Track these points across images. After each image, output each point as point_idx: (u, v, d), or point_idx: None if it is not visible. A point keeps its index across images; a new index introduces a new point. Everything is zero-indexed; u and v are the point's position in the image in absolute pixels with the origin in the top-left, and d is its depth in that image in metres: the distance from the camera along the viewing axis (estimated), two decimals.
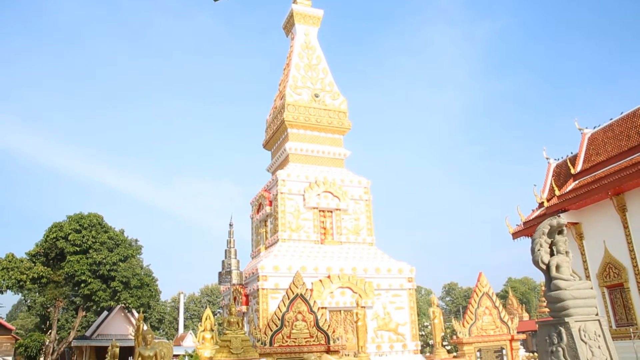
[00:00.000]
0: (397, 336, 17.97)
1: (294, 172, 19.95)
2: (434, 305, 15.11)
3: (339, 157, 21.62)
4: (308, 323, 14.21)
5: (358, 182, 20.54)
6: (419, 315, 28.27)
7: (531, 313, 43.53)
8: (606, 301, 23.99)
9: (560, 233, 11.43)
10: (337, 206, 19.70)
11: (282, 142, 21.84)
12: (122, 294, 39.02)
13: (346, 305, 17.31)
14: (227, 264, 16.94)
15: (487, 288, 16.27)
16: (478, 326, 15.71)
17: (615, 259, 23.59)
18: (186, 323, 71.19)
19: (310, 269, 17.34)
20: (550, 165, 29.74)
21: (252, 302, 17.79)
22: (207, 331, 19.19)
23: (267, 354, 13.48)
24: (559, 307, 10.65)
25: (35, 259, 39.05)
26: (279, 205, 19.13)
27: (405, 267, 18.87)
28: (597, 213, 24.49)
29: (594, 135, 27.59)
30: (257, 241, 21.44)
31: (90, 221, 39.67)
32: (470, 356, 15.25)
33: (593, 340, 10.35)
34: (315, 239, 19.17)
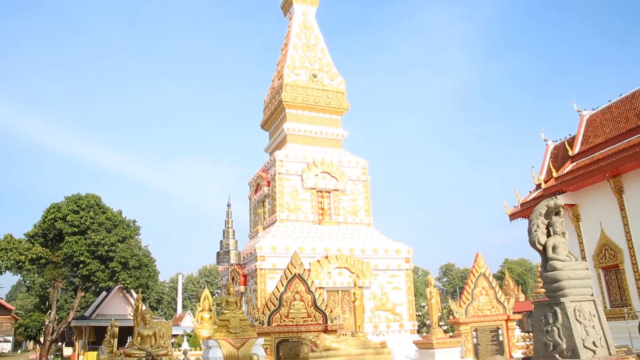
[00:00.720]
0: (394, 316, 18.13)
1: (292, 152, 19.93)
2: (430, 285, 15.20)
3: (337, 138, 21.58)
4: (306, 303, 14.31)
5: (356, 162, 20.54)
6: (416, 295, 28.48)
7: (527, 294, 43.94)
8: (601, 282, 24.17)
9: (557, 214, 11.48)
10: (335, 187, 19.72)
11: (280, 122, 21.78)
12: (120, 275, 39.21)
13: (344, 286, 17.43)
14: (225, 244, 16.98)
15: (483, 269, 16.37)
16: (474, 306, 15.82)
17: (611, 240, 23.73)
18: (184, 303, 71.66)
19: (308, 249, 17.41)
20: (548, 147, 29.73)
21: (250, 282, 17.90)
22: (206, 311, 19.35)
23: (265, 333, 13.59)
24: (555, 288, 10.74)
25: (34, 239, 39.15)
26: (277, 185, 19.14)
27: (402, 248, 18.96)
28: (594, 195, 24.56)
29: (592, 117, 27.54)
30: (255, 222, 21.50)
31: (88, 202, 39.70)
32: (467, 336, 15.38)
33: (588, 320, 10.46)
34: (313, 220, 19.23)
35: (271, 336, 13.73)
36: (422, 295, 40.10)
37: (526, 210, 25.53)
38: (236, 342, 12.53)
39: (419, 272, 64.18)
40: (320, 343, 12.52)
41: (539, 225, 11.41)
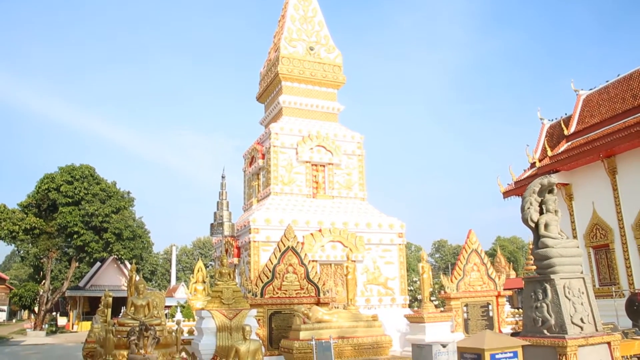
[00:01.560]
0: (386, 290, 18.30)
1: (287, 125, 19.84)
2: (423, 260, 15.30)
3: (333, 112, 21.49)
4: (299, 275, 14.41)
5: (351, 136, 20.49)
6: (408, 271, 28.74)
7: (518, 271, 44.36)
8: (591, 261, 24.45)
9: (550, 192, 11.54)
10: (329, 160, 19.70)
11: (275, 95, 21.64)
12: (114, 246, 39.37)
13: (337, 259, 17.52)
14: (219, 216, 17.02)
15: (476, 245, 16.49)
16: (466, 282, 15.99)
17: (602, 220, 23.92)
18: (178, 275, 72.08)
19: (302, 222, 17.46)
20: (544, 126, 29.74)
21: (244, 254, 17.98)
22: (199, 283, 19.50)
23: (258, 305, 13.70)
24: (546, 265, 10.86)
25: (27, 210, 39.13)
26: (272, 158, 19.10)
27: (396, 223, 19.05)
28: (588, 175, 24.68)
29: (589, 97, 27.51)
30: (249, 194, 21.50)
31: (82, 173, 39.61)
32: (457, 311, 15.57)
33: (576, 297, 10.61)
34: (307, 193, 19.24)
35: (264, 308, 13.84)
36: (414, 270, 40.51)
37: (520, 189, 25.65)
38: (229, 313, 12.63)
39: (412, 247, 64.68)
40: (313, 315, 12.65)
41: (532, 203, 11.48)
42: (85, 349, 13.76)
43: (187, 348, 13.19)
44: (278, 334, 13.69)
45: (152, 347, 10.19)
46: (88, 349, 13.50)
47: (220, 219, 16.93)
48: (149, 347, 10.12)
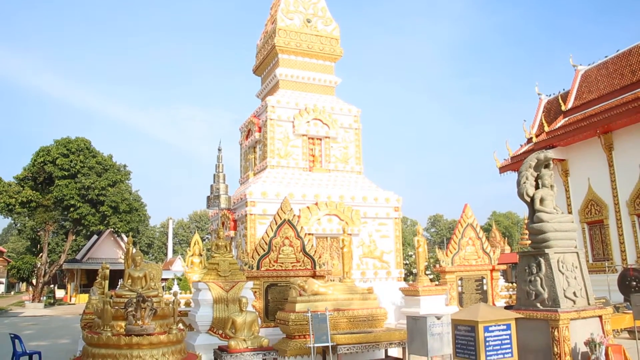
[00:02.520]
0: (382, 263, 18.42)
1: (283, 98, 19.72)
2: (418, 234, 15.37)
3: (330, 85, 21.34)
4: (295, 248, 14.48)
5: (348, 110, 20.38)
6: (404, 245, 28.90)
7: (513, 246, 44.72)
8: (585, 237, 24.67)
9: (546, 167, 11.57)
10: (326, 134, 19.63)
11: (272, 67, 21.45)
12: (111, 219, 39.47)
13: (333, 232, 17.58)
14: (215, 189, 17.02)
15: (471, 219, 16.56)
16: (461, 256, 16.11)
17: (597, 196, 24.06)
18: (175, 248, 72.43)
19: (298, 195, 17.47)
20: (542, 101, 29.70)
21: (240, 227, 18.03)
22: (196, 256, 19.55)
23: (254, 277, 13.80)
24: (540, 239, 10.95)
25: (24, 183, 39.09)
26: (268, 131, 19.01)
27: (392, 197, 19.08)
28: (584, 151, 24.74)
29: (587, 73, 27.40)
30: (245, 167, 21.47)
31: (78, 145, 39.47)
32: (452, 284, 15.72)
33: (570, 272, 10.73)
34: (304, 167, 19.21)
35: (260, 280, 13.94)
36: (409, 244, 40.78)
37: (516, 164, 25.72)
38: (225, 285, 12.73)
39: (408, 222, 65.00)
40: (309, 287, 12.75)
41: (528, 177, 11.52)
42: (83, 320, 13.89)
43: (184, 319, 13.32)
44: (274, 306, 13.82)
45: (150, 318, 10.27)
46: (86, 320, 13.62)
47: (217, 191, 16.93)
48: (146, 318, 10.21)
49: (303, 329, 12.00)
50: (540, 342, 10.15)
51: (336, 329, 12.13)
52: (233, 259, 13.41)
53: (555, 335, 9.85)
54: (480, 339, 8.31)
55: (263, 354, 11.08)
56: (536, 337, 10.23)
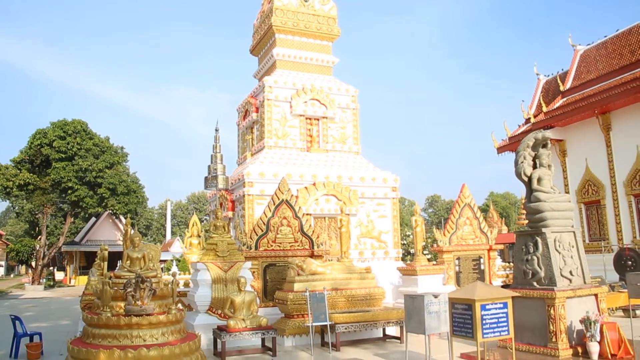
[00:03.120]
0: (380, 243, 18.49)
1: (280, 78, 19.61)
2: (416, 214, 15.42)
3: (327, 65, 21.20)
4: (293, 228, 14.53)
5: (346, 90, 20.29)
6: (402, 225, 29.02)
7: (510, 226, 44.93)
8: (582, 217, 24.76)
9: (544, 146, 11.57)
10: (323, 114, 19.56)
11: (269, 47, 21.28)
12: (109, 201, 39.45)
13: (330, 213, 17.62)
14: (213, 169, 17.00)
15: (469, 199, 16.60)
16: (458, 235, 16.18)
17: (595, 176, 24.09)
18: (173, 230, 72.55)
19: (296, 176, 17.47)
20: (540, 82, 29.58)
21: (238, 207, 18.05)
22: (194, 237, 19.62)
23: (253, 258, 13.86)
24: (537, 218, 10.99)
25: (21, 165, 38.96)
26: (266, 112, 18.93)
27: (389, 177, 19.09)
28: (582, 131, 24.71)
29: (586, 53, 27.25)
30: (243, 148, 21.42)
31: (75, 128, 39.29)
32: (449, 264, 15.82)
33: (566, 251, 10.79)
34: (301, 147, 19.18)
35: (258, 260, 14.01)
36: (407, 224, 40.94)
37: (514, 144, 25.69)
38: (224, 265, 12.80)
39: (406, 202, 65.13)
40: (307, 267, 12.82)
41: (526, 157, 11.52)
42: (83, 301, 13.95)
43: (183, 300, 13.39)
44: (272, 286, 13.91)
45: (149, 298, 10.33)
46: (85, 301, 13.68)
47: (215, 172, 16.91)
48: (145, 298, 10.27)
49: (301, 309, 12.10)
50: (536, 320, 10.24)
51: (334, 308, 12.23)
52: (231, 239, 13.45)
53: (551, 313, 9.94)
54: (477, 317, 8.38)
55: (262, 333, 11.18)
56: (532, 315, 10.32)
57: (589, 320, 9.65)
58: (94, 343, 9.72)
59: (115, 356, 9.17)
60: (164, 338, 9.84)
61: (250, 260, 13.71)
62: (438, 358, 9.61)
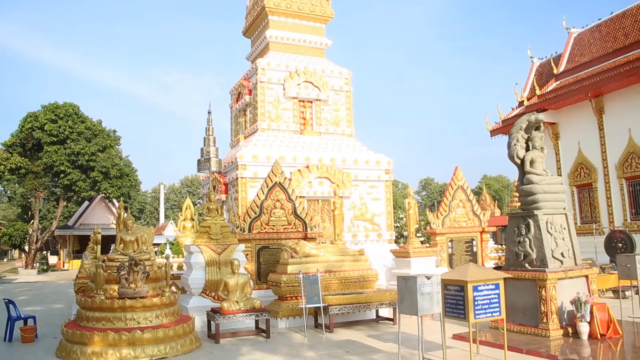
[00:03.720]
0: (373, 226, 18.55)
1: (274, 60, 19.47)
2: (409, 196, 15.45)
3: (321, 47, 21.06)
4: (286, 211, 14.54)
5: (339, 72, 20.19)
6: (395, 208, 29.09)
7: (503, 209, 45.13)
8: (574, 200, 24.89)
9: (537, 129, 11.59)
10: (317, 96, 19.48)
11: (262, 29, 21.09)
12: (102, 184, 39.30)
13: (324, 195, 17.63)
14: (206, 152, 16.95)
15: (462, 182, 16.63)
16: (451, 218, 16.23)
17: (587, 159, 24.18)
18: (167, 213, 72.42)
19: (289, 158, 17.44)
20: (534, 64, 29.52)
21: (231, 190, 18.03)
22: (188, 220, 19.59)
23: (246, 240, 13.87)
24: (530, 200, 11.05)
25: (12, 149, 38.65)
26: (259, 94, 18.83)
27: (383, 159, 19.09)
28: (575, 114, 24.73)
29: (580, 36, 27.17)
30: (236, 131, 21.34)
31: (66, 111, 38.95)
32: (442, 246, 15.89)
33: (558, 233, 10.87)
34: (295, 129, 19.12)
35: (252, 243, 14.03)
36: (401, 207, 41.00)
37: (507, 127, 25.68)
38: (217, 248, 12.81)
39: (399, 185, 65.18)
40: (300, 250, 12.85)
41: (519, 140, 11.54)
42: (77, 284, 13.96)
43: (176, 282, 13.43)
44: (266, 269, 13.96)
45: (142, 281, 10.36)
46: (79, 284, 13.70)
47: (207, 154, 16.88)
48: (139, 281, 10.29)
49: (295, 291, 12.16)
50: (528, 301, 10.35)
51: (327, 290, 12.29)
52: (224, 222, 13.46)
53: (542, 294, 10.04)
54: (469, 298, 8.44)
55: (255, 315, 11.23)
56: (524, 296, 10.43)
57: (579, 301, 9.76)
58: (88, 326, 9.75)
59: (109, 339, 9.22)
60: (157, 320, 9.89)
61: (244, 242, 13.73)
62: (431, 339, 9.71)
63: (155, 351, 9.30)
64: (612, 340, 9.52)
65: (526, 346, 9.21)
